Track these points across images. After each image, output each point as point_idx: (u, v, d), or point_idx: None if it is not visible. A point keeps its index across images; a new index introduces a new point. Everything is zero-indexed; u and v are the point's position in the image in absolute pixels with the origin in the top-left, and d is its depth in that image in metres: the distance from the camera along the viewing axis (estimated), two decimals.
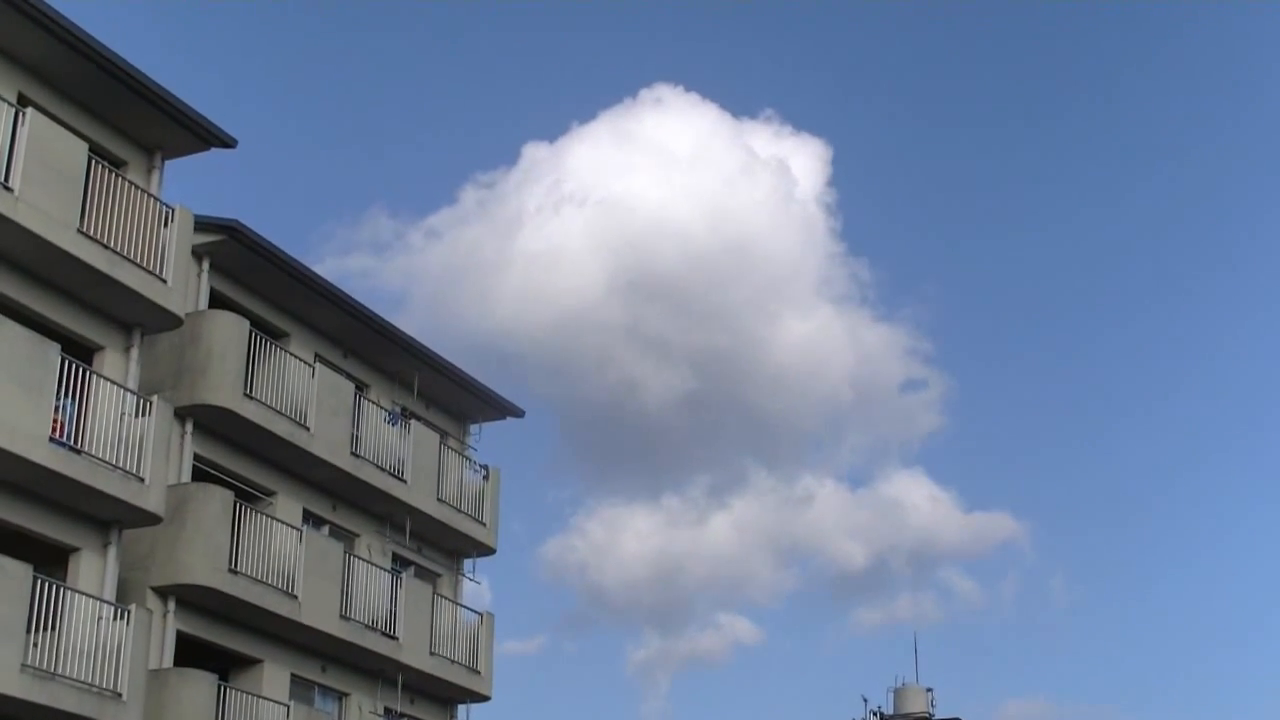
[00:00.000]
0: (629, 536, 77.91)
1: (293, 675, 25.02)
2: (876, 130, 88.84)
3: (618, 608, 78.78)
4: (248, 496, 24.46)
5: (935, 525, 78.66)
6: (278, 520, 24.48)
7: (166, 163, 22.68)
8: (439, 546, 29.98)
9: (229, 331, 23.79)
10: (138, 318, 21.47)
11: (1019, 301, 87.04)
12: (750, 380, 75.10)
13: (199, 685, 22.08)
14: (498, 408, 31.96)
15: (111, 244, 20.42)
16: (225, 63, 79.54)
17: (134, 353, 21.56)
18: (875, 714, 48.16)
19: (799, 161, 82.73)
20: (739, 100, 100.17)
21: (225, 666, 23.96)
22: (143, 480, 20.43)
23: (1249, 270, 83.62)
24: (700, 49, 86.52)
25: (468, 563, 30.99)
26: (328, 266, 72.49)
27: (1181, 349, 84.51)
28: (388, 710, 27.34)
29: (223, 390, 23.45)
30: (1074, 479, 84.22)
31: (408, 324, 70.98)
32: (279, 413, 24.53)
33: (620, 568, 77.79)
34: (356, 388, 27.13)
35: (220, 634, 23.67)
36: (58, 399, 19.35)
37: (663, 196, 70.44)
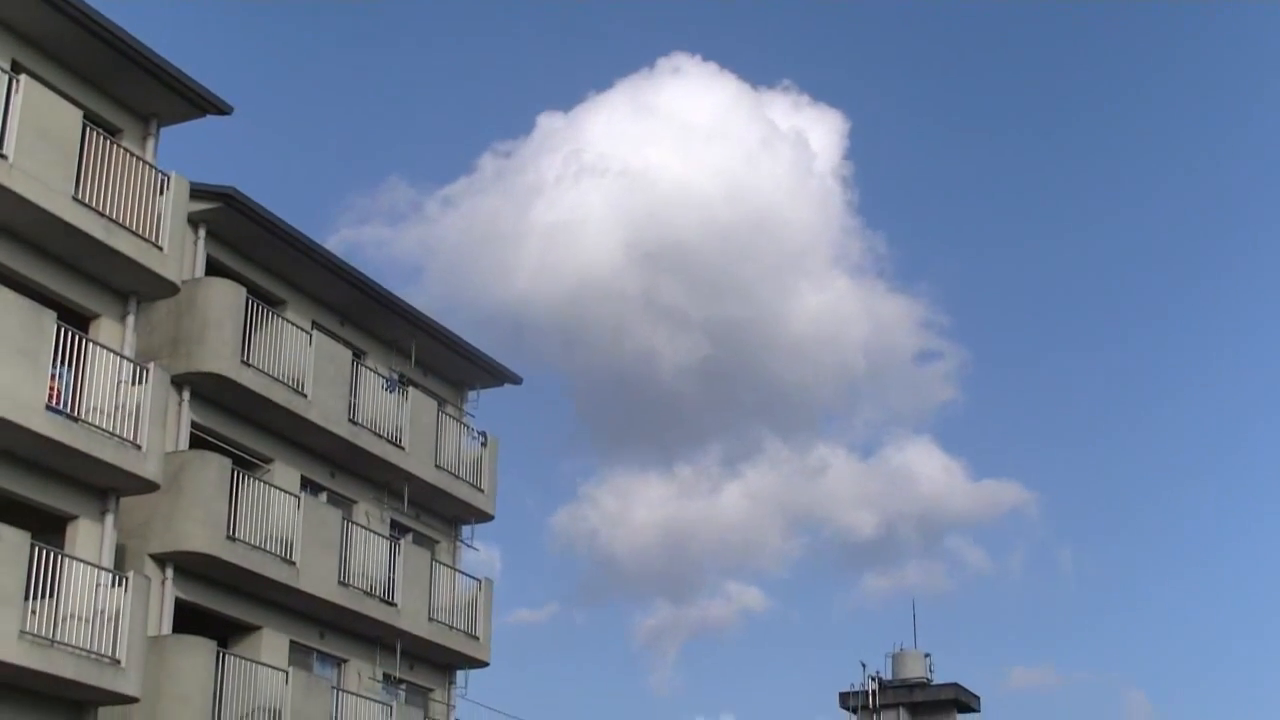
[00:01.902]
0: (642, 506, 78.28)
1: (291, 642, 25.10)
2: (893, 103, 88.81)
3: (629, 577, 79.21)
4: (245, 464, 24.49)
5: (945, 494, 78.99)
6: (276, 487, 24.52)
7: (180, 133, 22.71)
8: (437, 513, 30.04)
9: (226, 299, 23.76)
10: (134, 285, 21.44)
11: (1034, 276, 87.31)
12: (766, 351, 75.32)
13: (198, 652, 22.14)
14: (496, 375, 31.97)
15: (107, 211, 20.37)
16: (244, 34, 79.71)
17: (130, 320, 21.54)
18: (873, 679, 48.27)
19: (817, 134, 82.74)
20: (757, 70, 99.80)
21: (224, 633, 24.03)
22: (140, 448, 20.45)
23: (1262, 244, 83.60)
24: (717, 18, 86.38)
25: (466, 529, 31.06)
26: (345, 236, 72.82)
27: (1193, 328, 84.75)
28: (386, 676, 27.44)
29: (220, 358, 23.44)
30: (1084, 451, 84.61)
31: (424, 292, 71.39)
32: (276, 380, 24.53)
33: (632, 537, 78.21)
34: (354, 355, 27.13)
35: (219, 601, 23.73)
36: (54, 367, 19.33)
37: (681, 168, 70.40)
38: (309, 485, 26.13)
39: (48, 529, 19.92)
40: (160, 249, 21.23)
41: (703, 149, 71.87)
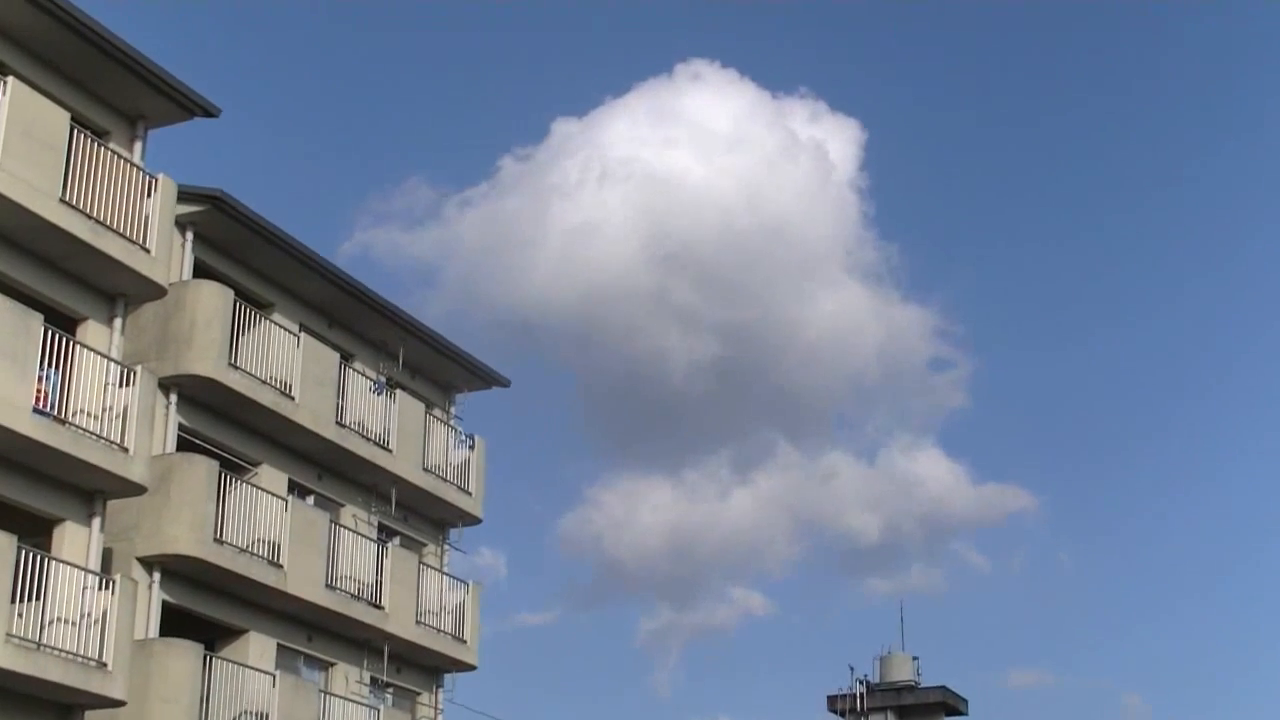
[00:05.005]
0: (650, 509, 78.51)
1: (279, 645, 25.04)
2: (909, 114, 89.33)
3: (634, 581, 79.62)
4: (233, 466, 24.43)
5: (949, 499, 79.48)
6: (263, 490, 24.47)
7: (190, 136, 22.72)
8: (425, 516, 29.99)
9: (213, 301, 23.70)
10: (121, 287, 21.38)
11: (1049, 286, 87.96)
12: (779, 356, 75.74)
13: (185, 655, 22.08)
14: (484, 377, 31.94)
15: (94, 213, 20.31)
16: (265, 39, 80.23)
17: (118, 323, 21.47)
18: (861, 682, 48.37)
19: (835, 144, 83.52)
20: (774, 77, 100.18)
21: (211, 636, 23.97)
22: (127, 450, 20.39)
23: (1276, 255, 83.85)
24: (735, 24, 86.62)
25: (454, 532, 31.03)
26: (359, 239, 73.05)
27: (1198, 339, 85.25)
28: (374, 680, 27.40)
29: (207, 360, 23.39)
30: (1089, 458, 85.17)
31: (440, 294, 71.78)
32: (264, 382, 24.48)
33: (639, 541, 78.46)
34: (341, 357, 27.07)
35: (206, 604, 23.68)
36: (41, 369, 19.28)
37: (700, 174, 70.75)
38: (296, 488, 26.08)
39: (34, 532, 19.85)
40: (148, 251, 21.18)
41: (721, 156, 72.31)
